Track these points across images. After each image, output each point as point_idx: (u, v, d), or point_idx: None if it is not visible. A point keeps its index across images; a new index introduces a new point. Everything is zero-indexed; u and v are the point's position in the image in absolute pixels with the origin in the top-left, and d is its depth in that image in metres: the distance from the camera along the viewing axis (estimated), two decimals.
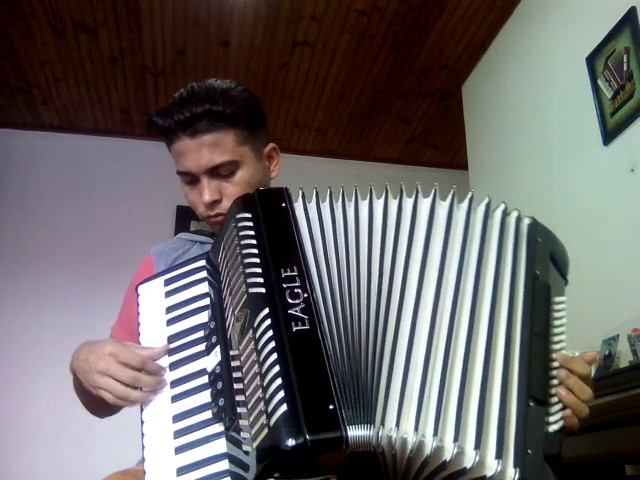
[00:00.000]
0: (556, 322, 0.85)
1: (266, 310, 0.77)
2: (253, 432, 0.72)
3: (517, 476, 0.70)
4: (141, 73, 3.21)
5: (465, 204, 0.89)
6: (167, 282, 0.99)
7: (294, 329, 0.76)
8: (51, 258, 3.42)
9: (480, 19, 2.87)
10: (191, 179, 1.10)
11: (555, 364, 0.82)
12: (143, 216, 3.56)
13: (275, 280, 0.80)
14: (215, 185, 1.08)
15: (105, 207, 3.58)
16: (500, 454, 0.71)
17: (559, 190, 2.35)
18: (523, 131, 2.66)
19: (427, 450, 0.70)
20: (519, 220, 0.89)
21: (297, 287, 0.80)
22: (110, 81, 3.26)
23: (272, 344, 0.74)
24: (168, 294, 0.98)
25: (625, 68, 2.00)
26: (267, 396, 0.71)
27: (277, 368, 0.72)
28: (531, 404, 0.76)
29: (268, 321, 0.76)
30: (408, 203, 0.89)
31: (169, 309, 0.96)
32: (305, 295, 0.79)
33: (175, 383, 0.89)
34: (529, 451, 0.72)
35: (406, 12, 2.82)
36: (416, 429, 0.71)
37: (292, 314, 0.77)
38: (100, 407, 1.11)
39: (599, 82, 2.13)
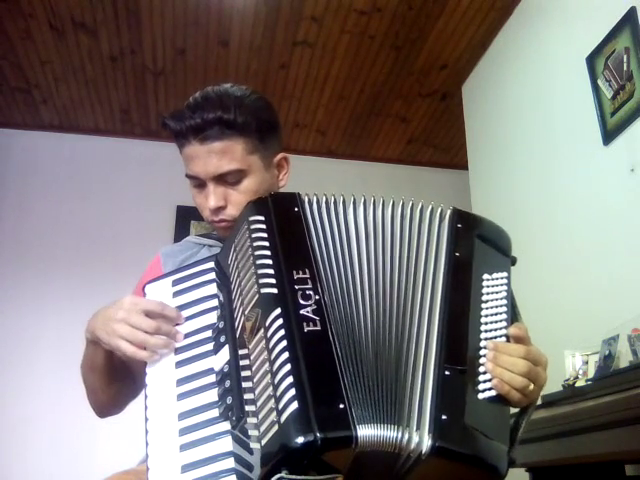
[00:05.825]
0: (487, 297, 0.88)
1: (278, 310, 0.79)
2: (262, 429, 0.73)
3: (429, 442, 0.72)
4: (141, 73, 3.21)
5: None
6: (175, 282, 1.00)
7: (305, 329, 0.77)
8: (51, 258, 3.42)
9: (480, 19, 2.87)
10: (199, 183, 1.11)
11: (484, 335, 0.84)
12: (143, 216, 3.56)
13: (287, 281, 0.82)
14: (221, 192, 1.10)
15: (105, 207, 3.58)
16: (419, 425, 0.74)
17: (559, 190, 2.35)
18: (523, 131, 2.66)
19: (411, 446, 0.73)
20: (442, 213, 0.95)
21: (309, 289, 0.81)
22: (110, 81, 3.26)
23: (284, 343, 0.76)
24: (176, 294, 0.98)
25: (625, 68, 2.00)
26: (278, 394, 0.72)
27: (288, 366, 0.73)
28: (447, 372, 0.78)
29: (280, 321, 0.78)
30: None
31: (176, 309, 0.96)
32: (317, 297, 0.81)
33: (181, 381, 0.89)
34: (443, 417, 0.74)
35: (406, 12, 2.82)
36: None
37: (304, 315, 0.78)
38: (104, 381, 1.08)
39: (599, 82, 2.13)
